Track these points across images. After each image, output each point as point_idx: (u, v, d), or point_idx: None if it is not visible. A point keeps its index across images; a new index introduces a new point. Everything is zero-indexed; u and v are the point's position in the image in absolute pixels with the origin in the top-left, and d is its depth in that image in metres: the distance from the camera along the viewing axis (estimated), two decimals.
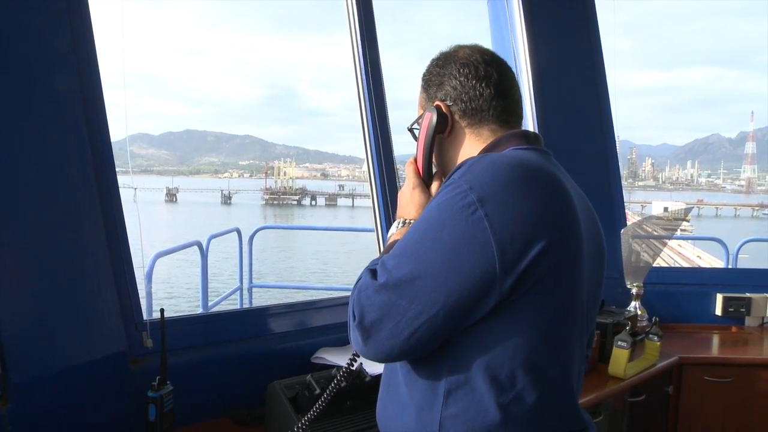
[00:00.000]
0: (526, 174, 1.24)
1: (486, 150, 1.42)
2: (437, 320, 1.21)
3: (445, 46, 1.55)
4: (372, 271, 1.27)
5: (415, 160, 1.55)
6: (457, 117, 1.47)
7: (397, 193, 2.92)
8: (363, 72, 2.98)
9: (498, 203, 1.18)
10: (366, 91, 2.99)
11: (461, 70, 1.47)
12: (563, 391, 1.35)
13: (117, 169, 2.15)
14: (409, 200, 1.54)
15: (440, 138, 1.50)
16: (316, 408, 1.65)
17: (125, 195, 2.25)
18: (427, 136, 1.49)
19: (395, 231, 1.51)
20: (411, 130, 1.58)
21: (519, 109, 1.52)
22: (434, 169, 1.56)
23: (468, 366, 1.26)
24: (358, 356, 1.43)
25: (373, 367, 2.21)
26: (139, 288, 2.23)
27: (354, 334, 1.26)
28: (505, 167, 1.23)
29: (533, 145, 1.41)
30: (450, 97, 1.47)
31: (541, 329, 1.27)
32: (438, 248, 1.19)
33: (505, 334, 1.25)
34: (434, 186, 1.55)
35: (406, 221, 1.51)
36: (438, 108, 1.47)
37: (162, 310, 2.06)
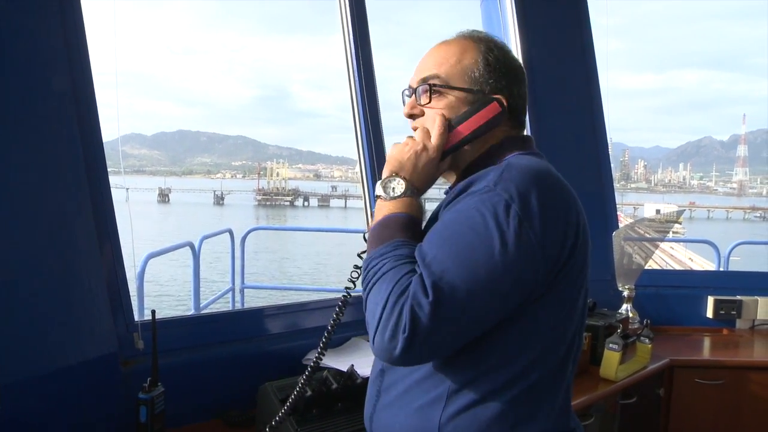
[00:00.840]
0: (549, 182, 1.29)
1: (490, 152, 1.44)
2: (482, 329, 1.25)
3: None
4: (419, 276, 1.20)
5: (445, 128, 1.42)
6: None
7: None
8: (356, 73, 2.98)
9: (537, 213, 1.21)
10: (359, 92, 2.99)
11: (524, 80, 1.48)
12: (562, 393, 1.38)
13: (109, 170, 2.14)
14: (415, 162, 1.41)
15: None
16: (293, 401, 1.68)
17: (117, 195, 2.24)
18: (483, 125, 1.41)
19: (393, 196, 1.39)
20: (434, 86, 1.44)
21: None
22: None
23: (477, 366, 1.29)
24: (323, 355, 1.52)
25: (365, 370, 2.21)
26: (130, 288, 2.22)
27: (393, 343, 1.18)
28: (534, 176, 1.26)
29: (531, 150, 1.45)
30: (510, 99, 1.43)
31: (551, 330, 1.32)
32: (491, 261, 1.19)
33: (517, 335, 1.29)
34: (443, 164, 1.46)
35: (406, 182, 1.40)
36: (501, 103, 1.42)
37: (153, 312, 2.06)
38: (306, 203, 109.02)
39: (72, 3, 2.02)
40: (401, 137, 1.49)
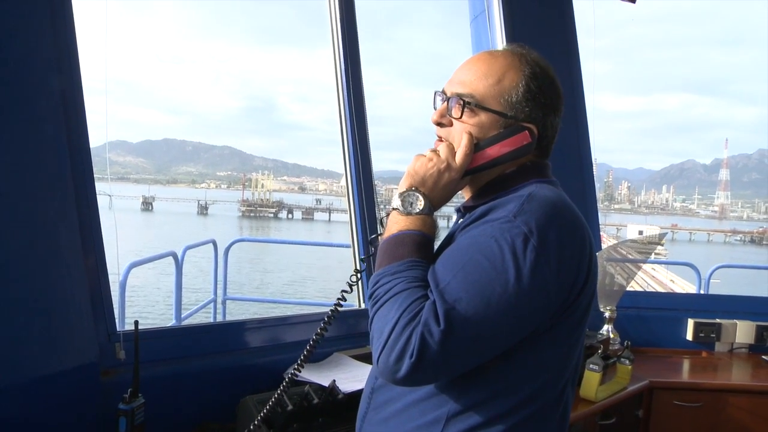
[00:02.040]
0: (569, 217, 1.30)
1: (509, 176, 1.41)
2: (488, 358, 1.26)
3: (427, 64, 1.48)
4: (432, 303, 1.19)
5: (471, 149, 1.39)
6: None
7: (374, 208, 2.92)
8: (344, 87, 2.99)
9: (554, 249, 1.22)
10: (347, 106, 3.00)
11: (561, 110, 1.44)
12: (557, 420, 1.38)
13: (95, 176, 2.13)
14: (437, 180, 1.39)
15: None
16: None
17: (101, 202, 2.22)
18: (509, 152, 1.38)
19: (411, 212, 1.37)
20: (468, 103, 1.39)
21: None
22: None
23: (481, 392, 1.29)
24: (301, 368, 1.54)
25: (347, 385, 2.20)
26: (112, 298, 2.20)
27: (398, 366, 1.17)
28: (553, 210, 1.26)
29: (549, 178, 1.44)
30: (542, 129, 1.41)
31: (555, 362, 1.33)
32: (505, 294, 1.18)
33: (528, 365, 1.29)
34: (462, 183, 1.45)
35: (426, 199, 1.37)
36: (532, 133, 1.39)
37: (136, 322, 2.05)
38: (290, 216, 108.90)
39: (63, 8, 2.02)
40: (389, 152, 1.47)
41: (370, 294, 1.31)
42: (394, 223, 1.37)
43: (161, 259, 5.36)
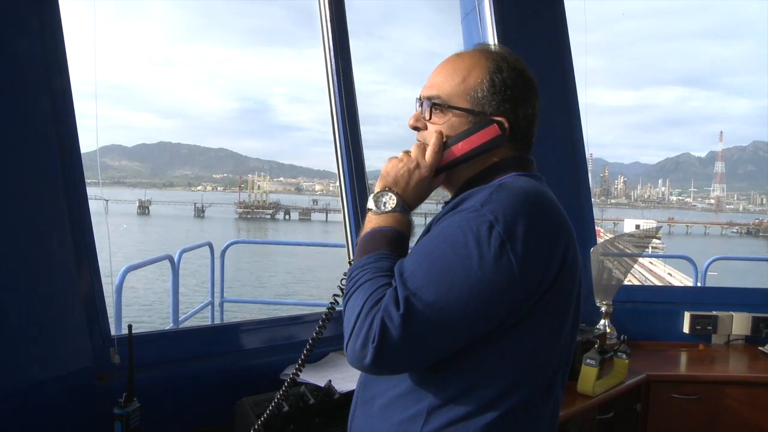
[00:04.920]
0: (540, 206, 1.28)
1: (488, 171, 1.43)
2: (456, 346, 1.26)
3: (420, 62, 1.48)
4: (393, 289, 1.22)
5: (440, 147, 1.42)
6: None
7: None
8: (336, 86, 2.98)
9: (521, 237, 1.21)
10: (338, 106, 2.99)
11: (535, 103, 1.46)
12: (548, 415, 1.38)
13: (88, 181, 2.13)
14: (407, 179, 1.43)
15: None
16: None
17: (97, 206, 2.22)
18: (478, 146, 1.40)
19: (383, 210, 1.41)
20: (436, 104, 1.43)
21: None
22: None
23: (458, 384, 1.29)
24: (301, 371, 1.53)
25: (343, 385, 2.20)
26: (108, 301, 2.20)
27: (363, 352, 1.20)
28: (523, 199, 1.26)
29: (531, 172, 1.44)
30: (514, 121, 1.42)
31: (533, 354, 1.31)
32: (467, 281, 1.19)
33: (501, 356, 1.29)
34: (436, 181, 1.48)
35: (398, 197, 1.42)
36: (501, 126, 1.40)
37: (130, 326, 2.04)
38: (287, 216, 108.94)
39: (51, 11, 2.01)
40: (382, 151, 1.49)
41: (343, 289, 1.35)
42: (368, 222, 1.43)
43: (158, 262, 5.36)
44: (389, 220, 1.40)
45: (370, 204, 1.44)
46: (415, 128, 1.48)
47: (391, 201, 1.42)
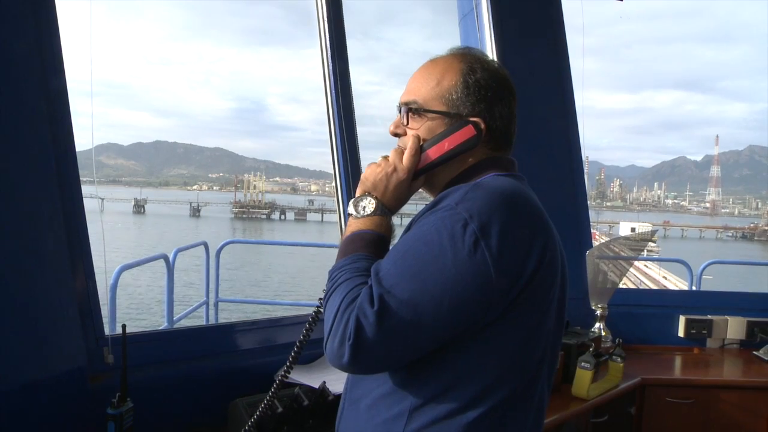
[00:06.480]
0: (516, 204, 1.29)
1: (468, 172, 1.44)
2: (433, 344, 1.26)
3: (417, 63, 1.51)
4: (369, 288, 1.23)
5: (416, 150, 1.45)
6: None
7: None
8: (333, 87, 2.98)
9: (496, 234, 1.21)
10: (335, 106, 2.99)
11: (512, 102, 1.47)
12: (532, 414, 1.38)
13: (83, 179, 2.12)
14: (386, 183, 1.46)
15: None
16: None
17: (92, 205, 2.21)
18: (454, 148, 1.42)
19: (363, 214, 1.44)
20: (412, 110, 1.46)
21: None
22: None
23: (437, 384, 1.29)
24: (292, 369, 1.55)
25: (337, 386, 2.19)
26: (102, 301, 2.19)
27: (341, 351, 1.21)
28: (498, 197, 1.26)
29: (510, 172, 1.45)
30: (491, 121, 1.43)
31: (512, 352, 1.31)
32: (441, 278, 1.20)
33: (478, 354, 1.28)
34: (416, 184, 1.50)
35: (377, 201, 1.45)
36: (477, 126, 1.42)
37: (124, 326, 2.03)
38: (283, 217, 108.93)
39: (46, 9, 2.01)
40: (378, 152, 1.52)
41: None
42: (349, 227, 1.46)
43: (152, 261, 5.35)
44: (368, 223, 1.43)
45: (350, 209, 1.47)
46: (396, 135, 1.51)
47: (370, 205, 1.45)
